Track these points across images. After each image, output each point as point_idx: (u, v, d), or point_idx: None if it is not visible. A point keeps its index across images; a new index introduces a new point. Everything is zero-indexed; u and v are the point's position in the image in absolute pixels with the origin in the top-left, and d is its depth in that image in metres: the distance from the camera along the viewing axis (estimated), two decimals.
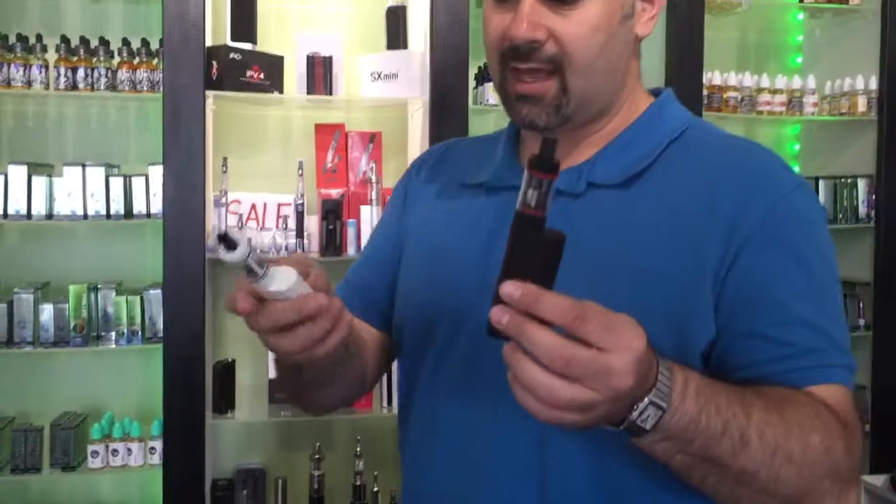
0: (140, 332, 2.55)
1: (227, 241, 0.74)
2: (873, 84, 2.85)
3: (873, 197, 2.88)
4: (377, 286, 1.11)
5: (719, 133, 1.00)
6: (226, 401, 2.55)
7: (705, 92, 2.73)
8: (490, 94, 2.71)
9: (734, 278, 0.87)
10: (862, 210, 2.92)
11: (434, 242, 1.04)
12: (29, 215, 2.50)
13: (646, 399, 0.71)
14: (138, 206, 2.56)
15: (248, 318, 0.79)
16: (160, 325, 2.49)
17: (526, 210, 0.69)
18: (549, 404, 0.67)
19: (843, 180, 2.94)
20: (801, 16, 3.18)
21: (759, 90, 2.90)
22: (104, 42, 2.56)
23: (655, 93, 1.03)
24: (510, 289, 0.67)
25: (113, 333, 2.54)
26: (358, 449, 2.64)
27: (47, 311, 2.49)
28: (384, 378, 2.61)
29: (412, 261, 1.07)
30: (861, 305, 2.92)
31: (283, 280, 0.78)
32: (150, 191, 2.55)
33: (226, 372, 2.57)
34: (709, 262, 0.88)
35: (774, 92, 2.90)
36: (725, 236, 0.88)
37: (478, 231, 0.99)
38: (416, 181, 1.14)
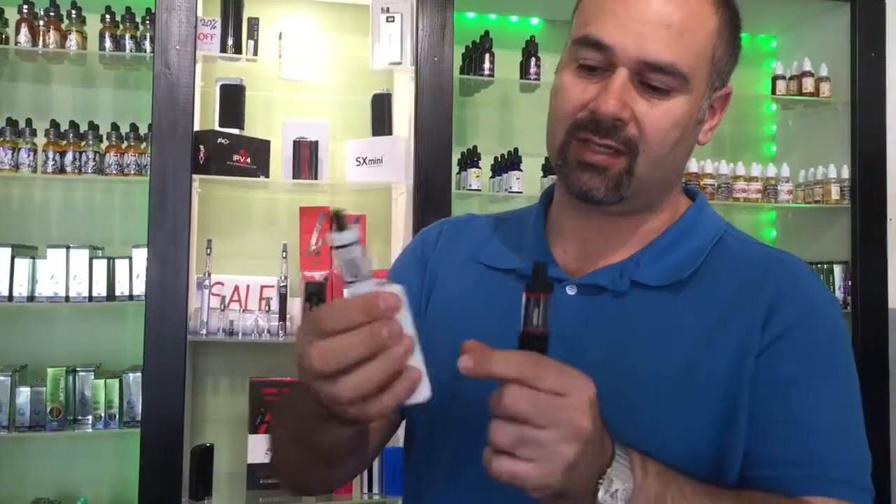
0: (118, 416, 2.51)
1: (338, 220, 0.67)
2: (845, 173, 2.92)
3: (849, 283, 2.92)
4: None
5: (753, 240, 1.01)
6: (203, 487, 2.49)
7: (683, 179, 2.79)
8: (472, 179, 2.76)
9: (757, 373, 0.87)
10: (839, 295, 2.95)
11: (464, 330, 0.95)
12: (10, 297, 2.49)
13: (609, 471, 0.71)
14: (121, 289, 2.56)
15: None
16: (138, 409, 2.46)
17: (531, 329, 0.72)
18: (522, 458, 0.67)
19: (819, 266, 2.98)
20: (774, 107, 3.29)
21: (736, 178, 2.97)
22: (93, 126, 2.60)
23: (687, 192, 1.04)
24: (465, 361, 0.69)
25: (90, 417, 2.50)
26: None
27: (24, 395, 2.45)
28: None
29: (437, 345, 0.99)
30: None
31: None
32: (133, 273, 2.56)
33: (204, 457, 2.52)
34: (748, 366, 0.87)
35: (750, 179, 2.97)
36: (759, 334, 0.88)
37: (513, 323, 0.95)
38: (435, 252, 1.08)
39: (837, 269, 2.97)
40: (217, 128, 2.57)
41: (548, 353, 0.71)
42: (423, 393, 0.70)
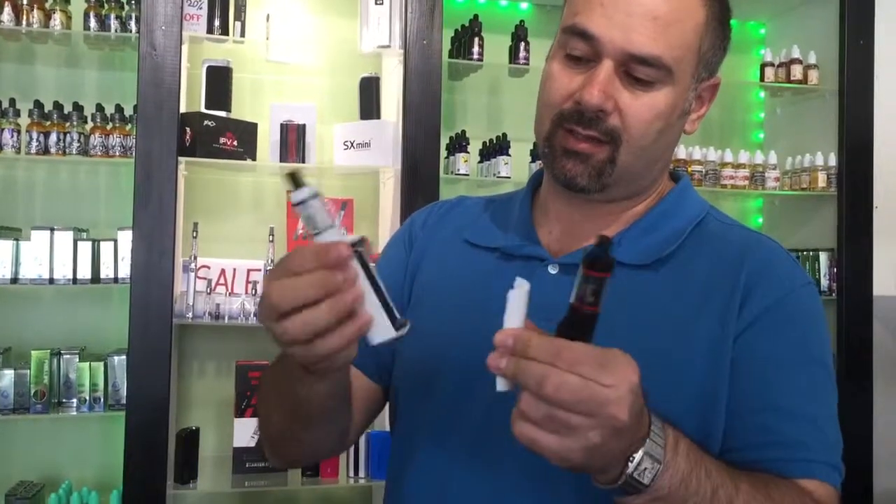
0: (102, 399, 2.50)
1: (294, 178, 0.72)
2: (832, 160, 2.93)
3: (835, 270, 2.94)
4: None
5: (735, 223, 1.01)
6: (188, 470, 2.49)
7: (671, 165, 2.80)
8: (461, 163, 2.75)
9: (735, 355, 0.88)
10: (824, 283, 2.97)
11: (445, 305, 1.00)
12: None
13: (641, 451, 0.72)
14: (106, 271, 2.54)
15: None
16: (123, 392, 2.45)
17: (583, 307, 0.70)
18: (547, 430, 0.67)
19: (805, 253, 3.00)
20: (762, 94, 3.29)
21: (723, 164, 2.97)
22: (78, 107, 2.58)
23: (672, 175, 1.05)
24: (502, 337, 0.70)
25: (74, 400, 2.49)
26: None
27: (8, 377, 2.43)
28: (351, 447, 2.57)
29: (419, 320, 1.00)
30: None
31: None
32: (118, 255, 2.54)
33: (189, 440, 2.51)
34: (727, 348, 0.88)
35: (737, 166, 2.98)
36: (736, 315, 0.89)
37: (493, 298, 0.93)
38: (423, 233, 1.09)
39: (823, 257, 2.98)
40: (203, 110, 2.55)
41: (594, 333, 0.70)
42: (385, 332, 0.73)
